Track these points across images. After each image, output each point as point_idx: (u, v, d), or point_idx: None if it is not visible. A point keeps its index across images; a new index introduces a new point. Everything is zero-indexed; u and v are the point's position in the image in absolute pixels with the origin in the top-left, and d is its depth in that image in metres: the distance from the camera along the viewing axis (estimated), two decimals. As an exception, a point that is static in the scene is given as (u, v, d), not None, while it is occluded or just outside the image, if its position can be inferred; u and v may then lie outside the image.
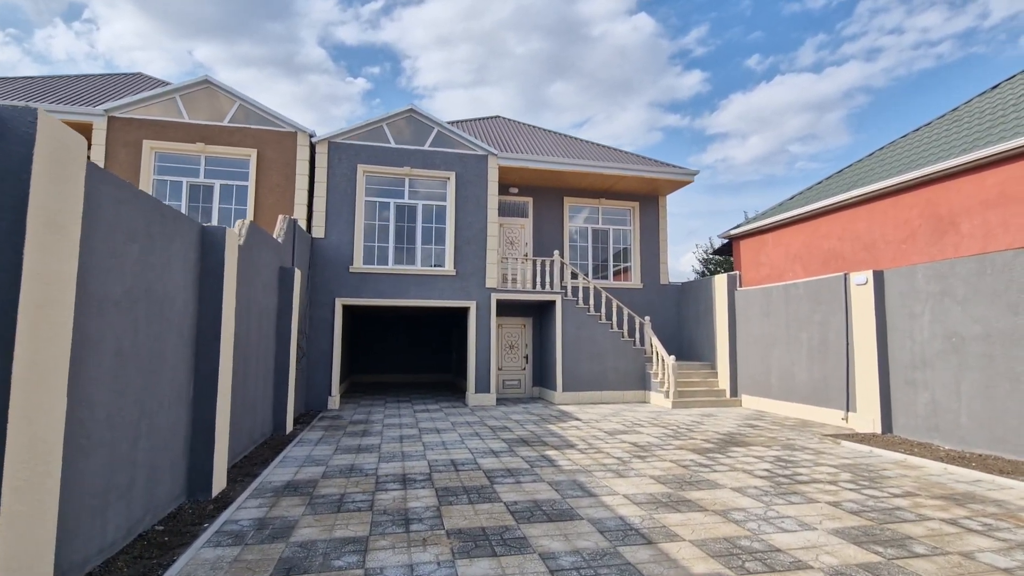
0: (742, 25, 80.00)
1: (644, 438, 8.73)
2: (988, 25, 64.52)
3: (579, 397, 13.26)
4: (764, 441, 8.52)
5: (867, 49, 72.84)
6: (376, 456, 7.29)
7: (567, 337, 13.38)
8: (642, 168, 14.53)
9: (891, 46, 71.84)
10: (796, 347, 11.19)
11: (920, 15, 68.98)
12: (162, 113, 11.97)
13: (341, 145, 12.67)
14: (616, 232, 15.87)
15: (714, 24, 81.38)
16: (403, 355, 20.32)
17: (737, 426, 9.99)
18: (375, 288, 12.49)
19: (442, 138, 13.30)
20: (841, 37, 73.74)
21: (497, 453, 7.54)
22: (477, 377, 12.88)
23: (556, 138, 16.47)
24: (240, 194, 12.21)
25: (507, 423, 10.19)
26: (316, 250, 12.26)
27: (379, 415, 11.14)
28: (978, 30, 66.89)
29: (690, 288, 15.13)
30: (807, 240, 12.16)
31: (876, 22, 71.42)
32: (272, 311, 8.76)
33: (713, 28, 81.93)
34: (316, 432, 9.12)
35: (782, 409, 11.54)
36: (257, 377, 7.90)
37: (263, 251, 8.14)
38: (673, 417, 11.06)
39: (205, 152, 12.04)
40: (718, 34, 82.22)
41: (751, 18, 79.08)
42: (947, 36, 68.11)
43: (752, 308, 12.61)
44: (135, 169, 11.66)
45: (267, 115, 12.35)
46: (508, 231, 15.05)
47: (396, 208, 13.01)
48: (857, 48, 73.53)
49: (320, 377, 12.01)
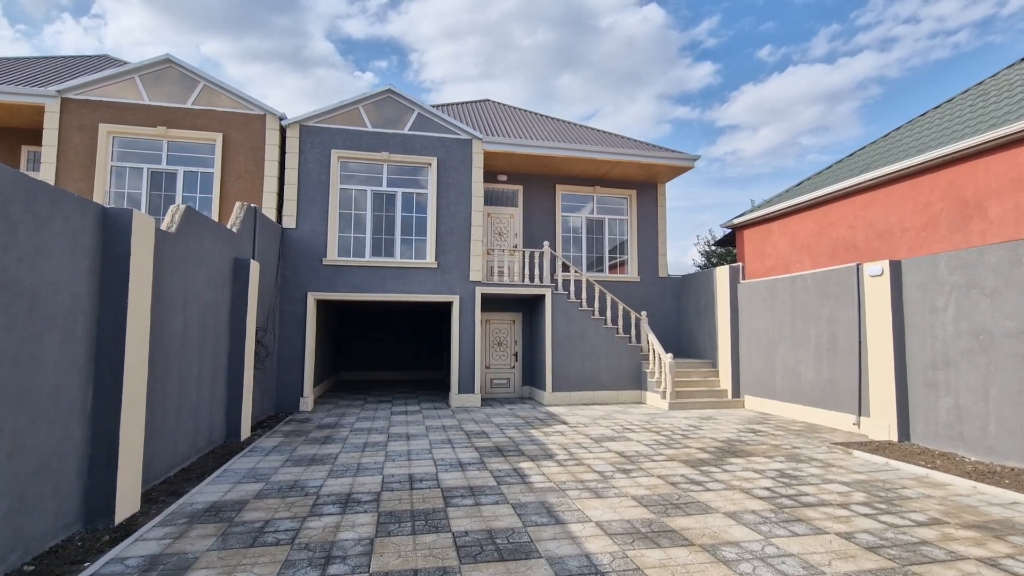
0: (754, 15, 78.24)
1: (633, 446, 7.89)
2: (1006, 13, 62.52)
3: (570, 398, 12.42)
4: (766, 450, 7.66)
5: (881, 39, 70.97)
6: (328, 469, 6.50)
7: (557, 334, 12.53)
8: (639, 153, 13.60)
9: (906, 35, 69.93)
10: (803, 344, 10.29)
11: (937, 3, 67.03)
12: (121, 94, 11.18)
13: (313, 129, 11.84)
14: (612, 222, 14.97)
15: (725, 15, 79.66)
16: (393, 351, 19.54)
17: (738, 431, 9.12)
18: (350, 282, 11.68)
19: (423, 121, 12.44)
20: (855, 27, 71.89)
21: (465, 465, 6.73)
22: (461, 376, 12.07)
23: (548, 122, 15.55)
24: (205, 181, 11.42)
25: (487, 428, 9.38)
26: (287, 241, 11.46)
27: (352, 418, 10.36)
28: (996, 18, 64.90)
29: (690, 281, 14.23)
30: (816, 228, 11.23)
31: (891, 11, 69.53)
32: (223, 306, 7.97)
33: (724, 19, 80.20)
34: (275, 438, 8.34)
35: (788, 411, 10.65)
36: (201, 379, 7.12)
37: (207, 240, 7.34)
38: (669, 420, 10.20)
39: (167, 136, 11.24)
40: (729, 25, 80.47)
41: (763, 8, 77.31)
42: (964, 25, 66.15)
43: (756, 302, 11.70)
44: (91, 155, 10.88)
45: (234, 96, 11.53)
46: (496, 221, 14.19)
47: (373, 196, 12.17)
48: (871, 38, 71.65)
49: (292, 377, 11.24)
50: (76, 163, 10.81)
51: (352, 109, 12.09)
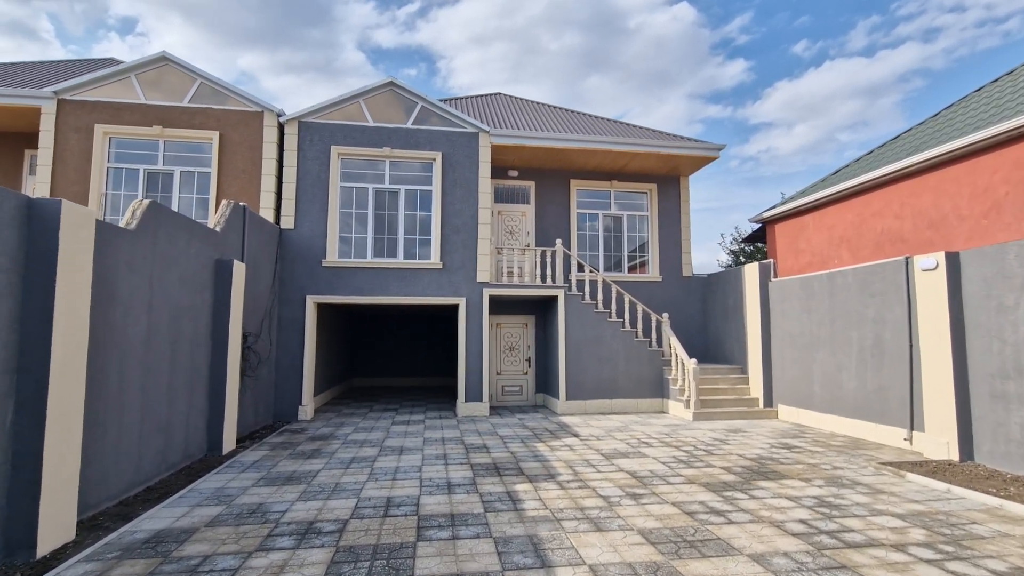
0: (788, 10, 75.59)
1: (648, 464, 7.01)
2: (1060, -6, 58.70)
3: (585, 407, 11.55)
4: (803, 471, 6.68)
5: (925, 29, 67.52)
6: (300, 490, 5.85)
7: (571, 338, 11.69)
8: (659, 144, 12.68)
9: (951, 25, 66.37)
10: (844, 349, 9.21)
11: (983, -12, 63.53)
12: (117, 94, 10.90)
13: (312, 125, 11.34)
14: (631, 219, 14.05)
15: (759, 11, 77.20)
16: (408, 357, 18.96)
17: (770, 447, 8.13)
18: (351, 284, 11.11)
19: (427, 114, 11.81)
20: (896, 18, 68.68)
21: (453, 487, 5.98)
22: (468, 384, 11.34)
23: (562, 114, 14.75)
24: (202, 181, 11.03)
25: (489, 441, 8.62)
26: (285, 243, 10.96)
27: (350, 428, 9.75)
28: (1048, 0, 60.99)
29: (716, 281, 13.19)
30: (856, 220, 10.12)
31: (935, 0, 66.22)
32: (203, 310, 7.44)
33: (757, 15, 77.72)
34: (259, 452, 7.77)
35: (827, 424, 9.56)
36: (174, 389, 6.59)
37: (180, 239, 6.82)
38: (692, 433, 9.25)
39: (163, 136, 10.91)
40: (763, 21, 77.94)
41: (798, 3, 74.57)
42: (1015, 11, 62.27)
43: (789, 302, 10.64)
44: (87, 156, 10.60)
45: (231, 93, 11.13)
46: (507, 219, 13.46)
47: (375, 194, 11.59)
48: (914, 28, 68.30)
49: (290, 385, 10.71)
50: (72, 165, 10.55)
51: (353, 103, 11.56)
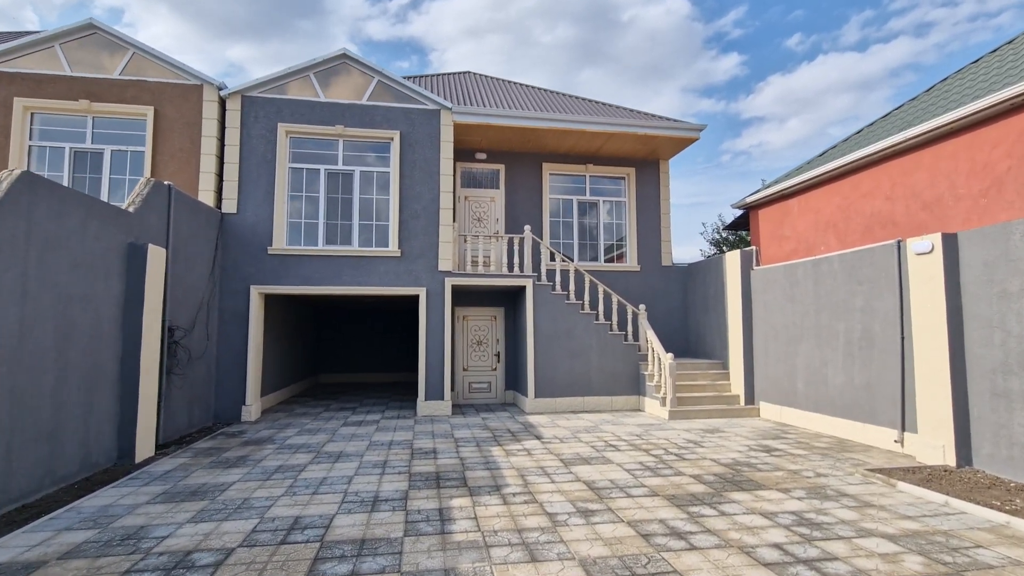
0: (782, 4, 74.78)
1: (610, 472, 6.23)
2: (1051, -13, 58.38)
3: (555, 405, 10.77)
4: (782, 479, 5.93)
5: (917, 24, 67.03)
6: (199, 508, 5.01)
7: (540, 330, 10.89)
8: (635, 123, 11.87)
9: (944, 19, 65.94)
10: (830, 341, 8.48)
11: (974, -19, 63.10)
12: (40, 65, 9.90)
13: (257, 100, 10.40)
14: (608, 205, 13.25)
15: (752, 4, 76.31)
16: (377, 352, 18.10)
17: (747, 450, 7.38)
18: (299, 273, 10.22)
19: (384, 90, 10.91)
20: (888, 12, 68.15)
21: (379, 503, 5.17)
22: (428, 381, 10.52)
23: (536, 93, 13.89)
24: (136, 161, 10.07)
25: (442, 444, 7.81)
26: (227, 228, 10.05)
27: (294, 430, 8.90)
28: (1039, -7, 60.65)
29: (697, 271, 12.44)
30: (844, 203, 9.38)
31: (928, -7, 65.69)
32: (109, 300, 6.55)
33: (752, 8, 76.79)
34: (178, 459, 6.91)
35: (812, 423, 8.85)
36: (62, 391, 5.70)
37: (71, 219, 5.92)
38: (665, 434, 8.50)
39: (91, 111, 9.93)
40: (757, 15, 77.06)
41: None
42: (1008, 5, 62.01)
43: (773, 291, 9.90)
44: (6, 133, 9.62)
45: (167, 65, 10.16)
46: (475, 205, 12.60)
47: (327, 176, 10.69)
48: (906, 23, 67.80)
49: (233, 383, 9.83)
50: (-12, 142, 9.56)
51: (302, 77, 10.63)
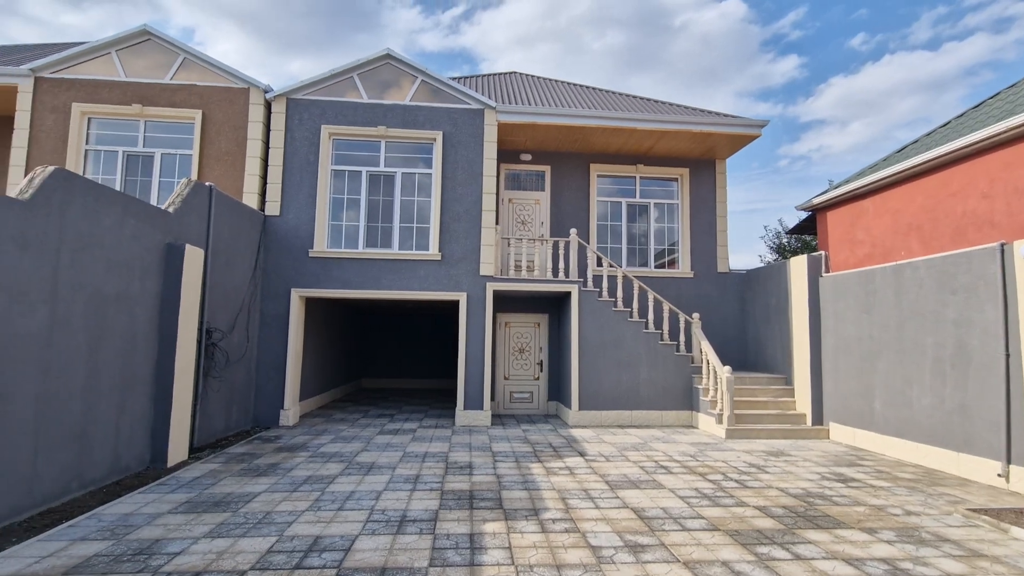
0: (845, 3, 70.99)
1: (662, 499, 5.60)
2: None
3: (600, 418, 10.14)
4: (865, 516, 5.13)
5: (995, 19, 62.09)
6: (220, 521, 4.74)
7: (586, 339, 10.31)
8: (689, 120, 11.14)
9: (1025, 14, 60.99)
10: (915, 357, 7.51)
11: (1063, -27, 58.10)
12: (96, 71, 10.20)
13: (301, 102, 10.36)
14: (659, 208, 12.53)
15: (813, 5, 72.80)
16: (422, 357, 17.88)
17: (820, 478, 6.56)
18: (339, 277, 10.06)
19: (427, 90, 10.67)
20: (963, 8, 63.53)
21: (406, 524, 4.75)
22: (468, 389, 10.11)
23: (582, 91, 13.35)
24: (184, 165, 10.21)
25: (479, 458, 7.36)
26: (269, 230, 10.02)
27: (329, 437, 8.68)
28: None
29: (757, 277, 11.53)
30: (930, 202, 8.37)
31: (1007, -12, 61.00)
32: (146, 301, 6.48)
33: (812, 9, 73.21)
34: (209, 465, 6.75)
35: (892, 448, 7.86)
36: (93, 393, 5.61)
37: (109, 217, 5.85)
38: (723, 455, 7.74)
39: (143, 115, 10.14)
40: (818, 15, 73.39)
41: None
42: (1093, -6, 56.77)
43: (845, 301, 8.96)
44: (64, 138, 9.93)
45: (215, 69, 10.27)
46: (519, 208, 12.17)
47: (369, 178, 10.51)
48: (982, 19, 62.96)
49: (273, 386, 9.74)
50: (49, 147, 9.90)
51: (346, 78, 10.52)
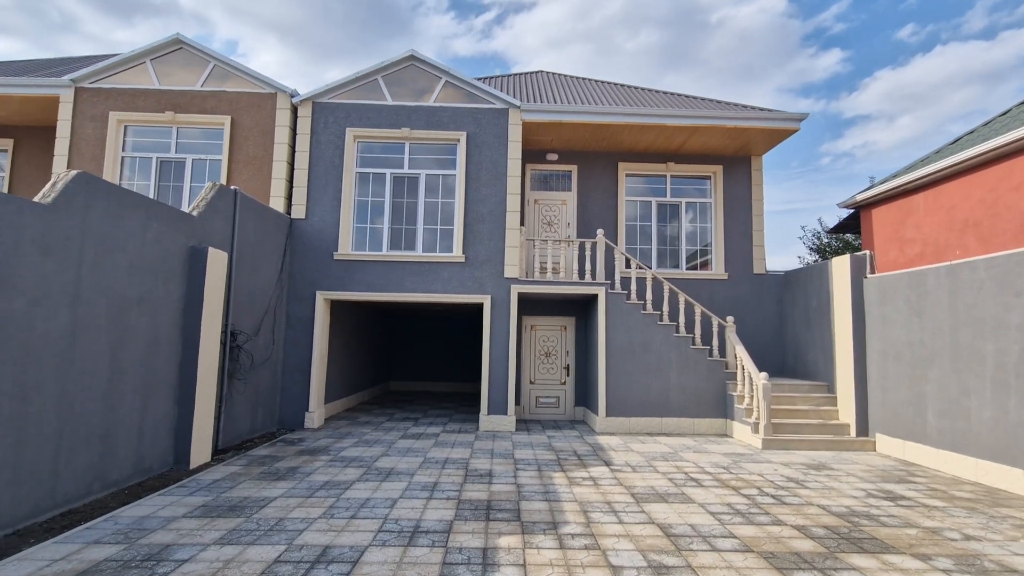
0: None
1: (691, 515, 5.25)
2: None
3: (628, 425, 9.78)
4: (917, 540, 4.67)
5: (1057, 5, 58.27)
6: (232, 527, 4.66)
7: (613, 343, 9.97)
8: (722, 115, 10.68)
9: (1089, -3, 56.92)
10: (973, 365, 6.92)
11: None
12: (132, 80, 10.49)
13: (327, 105, 10.40)
14: (691, 207, 12.08)
15: None
16: (450, 360, 17.82)
17: (866, 495, 6.07)
18: (363, 279, 10.02)
19: (451, 91, 10.56)
20: None
21: (418, 535, 4.57)
22: (492, 394, 9.92)
23: (610, 88, 13.01)
24: (213, 170, 10.38)
25: (500, 466, 7.14)
26: (295, 233, 10.07)
27: (351, 440, 8.62)
28: None
29: (796, 279, 10.96)
30: (989, 197, 7.73)
31: (1069, -32, 57.09)
32: (168, 304, 6.53)
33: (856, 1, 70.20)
34: (231, 467, 6.75)
35: (946, 464, 7.26)
36: (115, 394, 5.65)
37: (132, 220, 5.91)
38: (759, 467, 7.30)
39: (175, 122, 10.36)
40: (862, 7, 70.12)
41: None
42: None
43: (893, 303, 8.37)
44: (102, 146, 10.24)
45: (243, 75, 10.42)
46: (544, 209, 11.93)
47: (393, 180, 10.46)
48: (1042, 5, 59.18)
49: (298, 389, 9.78)
50: (88, 155, 10.22)
51: (370, 81, 10.52)
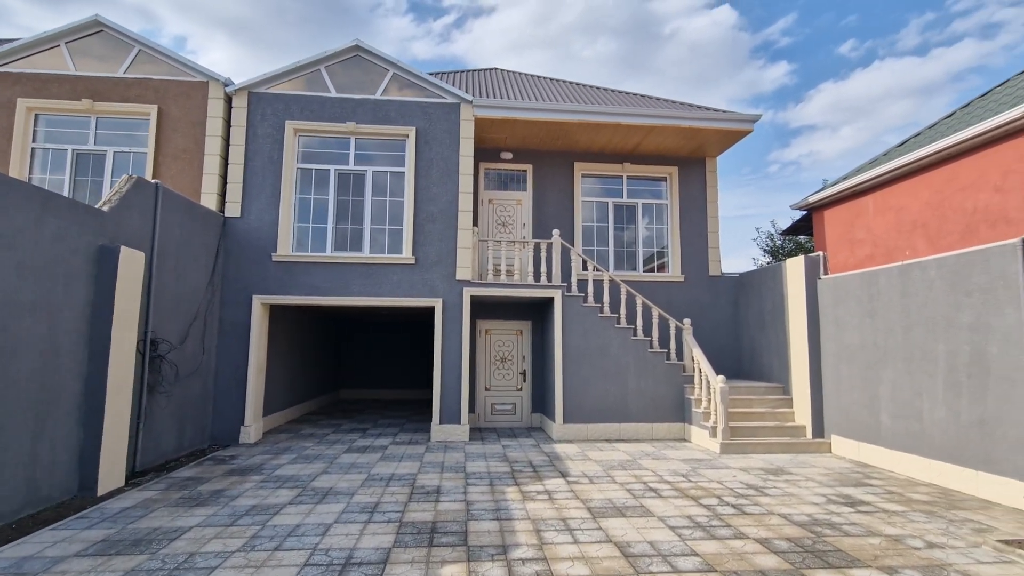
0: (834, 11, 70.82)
1: (649, 530, 4.92)
2: None
3: (586, 431, 9.47)
4: (881, 550, 4.48)
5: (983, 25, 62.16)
6: (126, 570, 4.01)
7: (570, 347, 9.65)
8: (678, 115, 10.57)
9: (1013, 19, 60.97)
10: (925, 366, 6.91)
11: (1050, -23, 58.36)
12: (45, 65, 9.51)
13: (265, 96, 9.71)
14: (647, 208, 11.94)
15: (803, 11, 72.59)
16: (403, 367, 17.17)
17: (826, 501, 5.90)
18: (306, 282, 9.36)
19: (400, 83, 10.05)
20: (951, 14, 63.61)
21: (351, 567, 4.05)
22: (444, 402, 9.42)
23: (566, 87, 12.77)
24: (138, 163, 9.51)
25: (450, 481, 6.66)
26: (229, 233, 9.32)
27: (290, 457, 7.95)
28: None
29: (751, 281, 10.94)
30: (936, 198, 7.81)
31: (994, -6, 61.14)
32: (71, 309, 5.77)
33: (802, 16, 72.97)
34: (146, 492, 6.02)
35: (901, 465, 7.23)
36: (3, 414, 4.89)
37: (23, 215, 5.16)
38: (718, 473, 7.08)
39: (94, 112, 9.44)
40: (807, 22, 73.17)
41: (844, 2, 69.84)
42: (1079, -2, 56.98)
43: (846, 304, 8.36)
44: (8, 136, 9.22)
45: (171, 61, 9.61)
46: (499, 209, 11.54)
47: (338, 177, 9.85)
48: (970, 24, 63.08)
49: (232, 401, 9.01)
50: (-8, 145, 9.18)
51: (312, 72, 9.89)
